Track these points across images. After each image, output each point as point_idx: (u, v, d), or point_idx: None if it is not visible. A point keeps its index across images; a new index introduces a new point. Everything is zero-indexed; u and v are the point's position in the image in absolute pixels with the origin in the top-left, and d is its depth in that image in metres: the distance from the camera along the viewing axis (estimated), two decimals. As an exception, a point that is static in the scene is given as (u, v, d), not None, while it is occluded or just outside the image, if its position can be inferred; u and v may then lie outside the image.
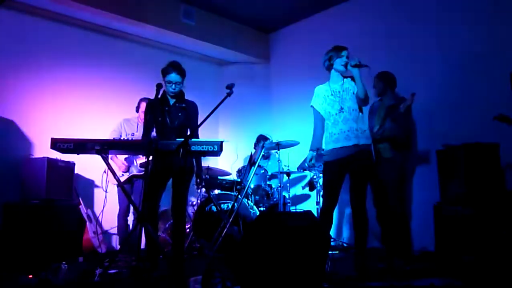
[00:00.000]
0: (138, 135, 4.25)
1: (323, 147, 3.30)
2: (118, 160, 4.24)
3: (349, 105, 3.14)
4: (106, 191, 3.96)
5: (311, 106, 3.31)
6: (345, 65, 3.12)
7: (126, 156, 4.28)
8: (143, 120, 4.25)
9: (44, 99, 4.53)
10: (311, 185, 4.86)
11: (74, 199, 4.20)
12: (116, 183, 4.10)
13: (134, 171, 4.23)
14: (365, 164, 3.13)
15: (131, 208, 4.26)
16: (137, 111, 4.36)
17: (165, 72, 3.23)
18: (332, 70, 3.23)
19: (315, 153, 3.32)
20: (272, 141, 4.94)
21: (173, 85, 3.21)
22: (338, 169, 3.14)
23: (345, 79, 3.22)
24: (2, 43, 4.28)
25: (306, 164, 3.47)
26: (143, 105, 4.25)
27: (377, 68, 4.09)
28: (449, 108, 4.10)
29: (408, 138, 3.94)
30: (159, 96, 3.24)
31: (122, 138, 4.16)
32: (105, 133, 4.27)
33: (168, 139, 3.07)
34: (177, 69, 3.22)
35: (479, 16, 4.00)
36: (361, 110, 3.20)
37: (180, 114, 3.27)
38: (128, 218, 4.35)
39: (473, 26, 4.02)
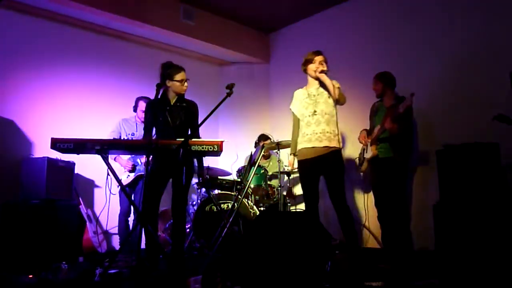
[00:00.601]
0: (138, 134, 4.25)
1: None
2: (123, 160, 4.23)
3: (322, 108, 3.31)
4: (112, 193, 3.95)
5: (290, 109, 3.54)
6: (316, 71, 3.32)
7: (129, 156, 4.28)
8: (142, 119, 4.26)
9: (44, 99, 4.53)
10: (289, 193, 4.88)
11: (74, 199, 4.20)
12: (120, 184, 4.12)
13: (140, 170, 4.23)
14: (336, 164, 3.27)
15: (132, 208, 4.26)
16: (135, 110, 4.35)
17: (172, 73, 3.24)
18: (308, 76, 3.45)
19: (293, 158, 3.57)
20: (273, 140, 4.96)
21: (186, 82, 3.28)
22: (310, 168, 3.31)
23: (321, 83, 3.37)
24: (2, 43, 4.28)
25: (290, 169, 3.72)
26: (141, 104, 4.26)
27: (377, 68, 4.09)
28: (448, 108, 4.10)
29: (410, 138, 3.94)
30: (159, 96, 3.25)
31: (122, 139, 4.16)
32: (105, 133, 4.27)
33: (169, 139, 3.07)
34: (183, 68, 3.30)
35: (479, 16, 3.99)
36: (335, 114, 3.37)
37: (181, 113, 3.27)
38: (129, 218, 4.35)
39: (473, 25, 4.02)
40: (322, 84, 3.35)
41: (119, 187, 4.18)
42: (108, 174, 4.00)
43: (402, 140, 3.79)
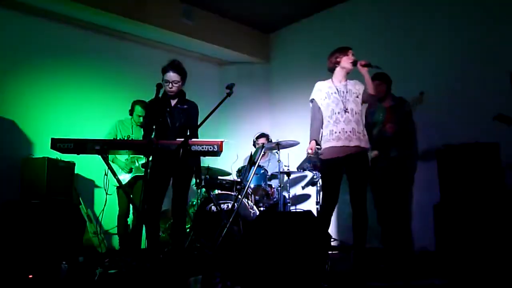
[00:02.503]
0: (134, 137, 4.25)
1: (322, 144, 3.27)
2: (121, 162, 4.23)
3: (352, 107, 3.16)
4: (108, 194, 3.95)
5: (312, 99, 3.29)
6: (353, 63, 3.15)
7: (126, 157, 4.27)
8: (137, 123, 4.26)
9: (44, 99, 4.54)
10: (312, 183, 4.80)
11: (74, 199, 4.20)
12: (117, 184, 4.11)
13: (136, 171, 4.23)
14: (364, 165, 3.14)
15: (131, 209, 4.26)
16: (131, 114, 4.35)
17: (163, 70, 3.21)
18: (337, 69, 3.23)
19: (315, 143, 3.24)
20: (270, 139, 4.98)
21: (170, 84, 3.18)
22: (336, 168, 3.14)
23: (348, 81, 3.23)
24: (2, 43, 4.28)
25: (309, 152, 3.29)
26: (138, 109, 4.27)
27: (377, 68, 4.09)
28: (449, 108, 4.10)
29: (411, 137, 3.92)
30: (160, 97, 3.23)
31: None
32: (104, 133, 4.27)
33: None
34: (175, 68, 3.18)
35: (479, 16, 4.00)
36: (362, 114, 3.23)
37: (181, 115, 3.25)
38: (128, 219, 4.35)
39: (473, 25, 4.02)
40: (352, 83, 3.22)
41: (117, 187, 4.20)
42: (105, 175, 4.01)
43: (404, 140, 3.77)
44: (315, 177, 4.65)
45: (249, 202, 4.28)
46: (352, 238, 3.15)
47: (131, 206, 4.25)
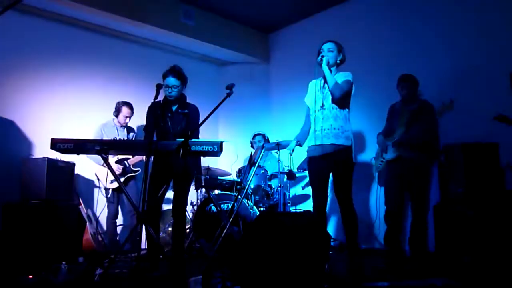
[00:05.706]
0: (120, 138, 4.29)
1: (307, 143, 3.26)
2: (112, 164, 4.23)
3: (329, 102, 3.09)
4: (104, 196, 3.99)
5: (305, 101, 3.32)
6: (321, 61, 3.11)
7: (117, 159, 4.29)
8: (122, 123, 4.30)
9: (44, 99, 4.53)
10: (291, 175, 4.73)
11: (74, 199, 4.20)
12: (108, 185, 4.18)
13: (127, 172, 4.26)
14: (344, 163, 3.06)
15: (120, 210, 4.43)
16: (117, 115, 4.36)
17: (164, 75, 3.26)
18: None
19: (295, 142, 3.29)
20: (265, 136, 5.03)
21: (169, 89, 3.23)
22: (319, 166, 3.11)
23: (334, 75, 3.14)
24: (2, 43, 4.27)
25: (288, 152, 3.37)
26: (125, 110, 4.31)
27: (377, 68, 4.09)
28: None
29: (435, 140, 3.85)
30: (162, 100, 3.25)
31: None
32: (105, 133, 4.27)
33: None
34: (174, 73, 3.22)
35: (480, 16, 4.00)
36: (346, 109, 3.12)
37: (182, 120, 3.27)
38: (117, 220, 4.46)
39: (474, 25, 4.03)
40: (338, 76, 3.13)
41: (112, 189, 4.25)
42: (98, 179, 4.07)
43: (428, 143, 3.69)
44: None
45: (249, 202, 4.28)
46: (345, 237, 3.12)
47: (119, 208, 4.44)
